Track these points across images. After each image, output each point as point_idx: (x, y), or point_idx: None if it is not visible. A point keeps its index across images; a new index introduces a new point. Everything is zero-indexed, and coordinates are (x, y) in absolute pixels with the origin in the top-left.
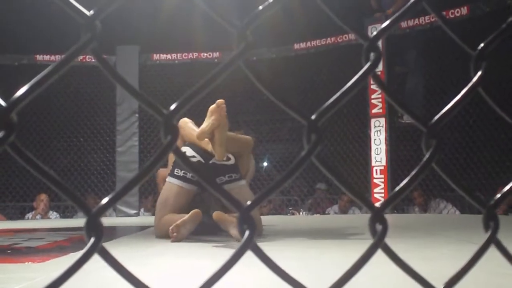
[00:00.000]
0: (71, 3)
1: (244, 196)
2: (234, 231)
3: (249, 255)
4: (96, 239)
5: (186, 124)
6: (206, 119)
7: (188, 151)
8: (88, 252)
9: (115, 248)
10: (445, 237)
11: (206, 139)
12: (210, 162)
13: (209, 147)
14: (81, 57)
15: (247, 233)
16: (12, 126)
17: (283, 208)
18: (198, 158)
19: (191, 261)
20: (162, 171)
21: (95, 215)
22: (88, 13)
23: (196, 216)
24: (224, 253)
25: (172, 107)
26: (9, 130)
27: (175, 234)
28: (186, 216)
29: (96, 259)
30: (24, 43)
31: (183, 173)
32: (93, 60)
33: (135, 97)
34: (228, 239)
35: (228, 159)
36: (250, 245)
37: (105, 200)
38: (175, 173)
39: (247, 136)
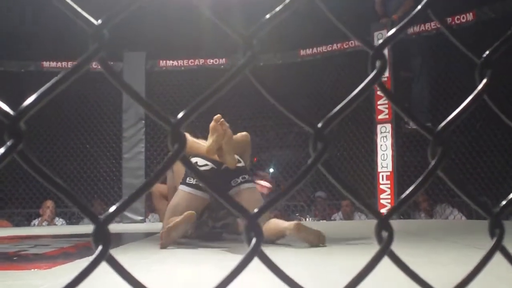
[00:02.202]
0: (78, 12)
1: (256, 198)
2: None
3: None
4: (104, 247)
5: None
6: (209, 137)
7: (199, 161)
8: (96, 260)
9: (120, 255)
10: (451, 243)
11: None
12: (223, 167)
13: (217, 157)
14: None
15: (254, 240)
16: (21, 135)
17: (289, 214)
18: (211, 165)
19: (196, 268)
20: (158, 187)
21: (103, 223)
22: (96, 22)
23: (189, 217)
24: (228, 260)
25: (180, 115)
26: (18, 138)
27: (161, 241)
28: (179, 218)
29: (102, 265)
30: (31, 49)
31: (196, 181)
32: (99, 67)
33: (142, 106)
34: (232, 245)
35: (239, 161)
36: (257, 252)
37: (112, 208)
38: (187, 181)
39: (243, 133)
